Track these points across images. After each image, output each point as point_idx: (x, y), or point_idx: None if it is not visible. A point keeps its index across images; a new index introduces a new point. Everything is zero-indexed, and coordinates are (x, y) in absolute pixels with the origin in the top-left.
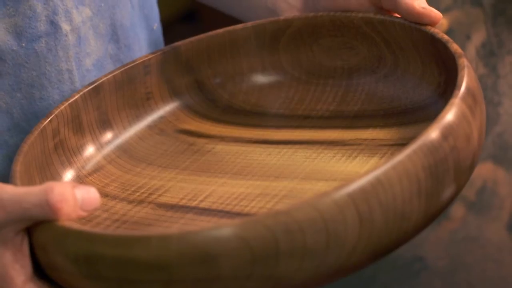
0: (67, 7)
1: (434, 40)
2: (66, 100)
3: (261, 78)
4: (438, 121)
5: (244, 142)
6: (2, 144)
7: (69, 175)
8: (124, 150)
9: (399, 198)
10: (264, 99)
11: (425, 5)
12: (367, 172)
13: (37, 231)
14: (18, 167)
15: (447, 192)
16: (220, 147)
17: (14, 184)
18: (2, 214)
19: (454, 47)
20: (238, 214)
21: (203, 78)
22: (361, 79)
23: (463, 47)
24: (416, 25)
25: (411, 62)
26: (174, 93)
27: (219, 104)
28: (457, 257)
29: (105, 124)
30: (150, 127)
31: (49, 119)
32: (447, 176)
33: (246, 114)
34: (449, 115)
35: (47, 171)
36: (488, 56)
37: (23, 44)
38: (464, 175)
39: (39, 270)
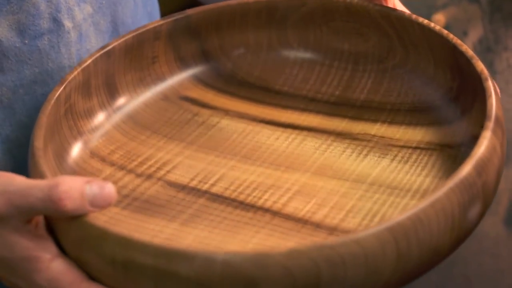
0: (69, 4)
1: (455, 51)
2: (79, 65)
3: (266, 52)
4: (473, 157)
5: (249, 119)
6: (4, 139)
7: (75, 140)
8: (129, 115)
9: (435, 234)
10: (268, 73)
11: None
12: (407, 210)
13: (70, 227)
14: (40, 144)
15: (475, 223)
16: (226, 122)
17: (35, 161)
18: (8, 206)
19: (479, 66)
20: (252, 207)
21: (209, 46)
22: (367, 66)
23: None
24: (438, 31)
25: (423, 60)
26: (179, 59)
27: (223, 73)
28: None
29: (110, 87)
30: (153, 91)
31: (63, 86)
32: (476, 209)
33: (250, 87)
34: (482, 150)
35: (56, 137)
36: (485, 52)
37: (26, 41)
38: (489, 204)
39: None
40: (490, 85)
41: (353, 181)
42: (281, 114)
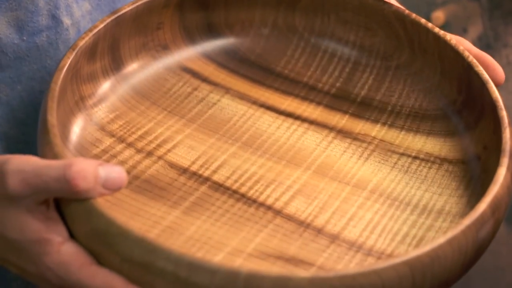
0: (68, 1)
1: (470, 71)
2: (90, 30)
3: (269, 31)
4: (489, 195)
5: (250, 102)
6: (1, 136)
7: (76, 105)
8: (129, 82)
9: (448, 268)
10: (269, 53)
11: None
12: (426, 245)
13: (87, 218)
14: (54, 120)
15: (482, 254)
16: (226, 101)
17: (49, 139)
18: (23, 185)
19: (494, 93)
20: (254, 202)
21: (215, 19)
22: (371, 61)
23: None
24: (454, 46)
25: (430, 66)
26: (184, 29)
27: (224, 48)
28: None
29: (114, 52)
30: (155, 57)
31: (74, 52)
32: (487, 244)
33: (250, 65)
34: (498, 188)
35: (61, 103)
36: (485, 49)
37: (25, 38)
38: (493, 238)
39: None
40: (505, 115)
41: (354, 186)
42: (282, 101)
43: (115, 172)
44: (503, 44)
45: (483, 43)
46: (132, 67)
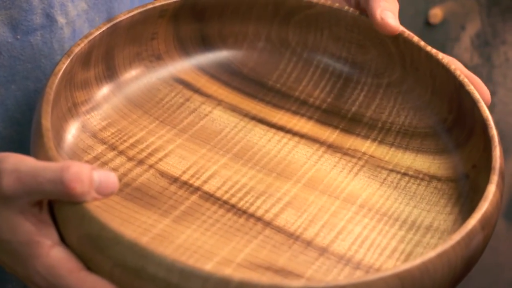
0: (62, 0)
1: (461, 90)
2: (85, 37)
3: (263, 45)
4: (479, 211)
5: (242, 114)
6: None
7: (69, 112)
8: (122, 91)
9: (438, 283)
10: (262, 66)
11: (386, 15)
12: (417, 258)
13: (80, 222)
14: (48, 124)
15: (471, 268)
16: (218, 113)
17: (43, 142)
18: (17, 185)
19: (485, 112)
20: (244, 212)
21: (209, 31)
22: (362, 77)
23: (457, 37)
24: (446, 64)
25: (421, 85)
26: (178, 39)
27: (217, 60)
28: None
29: (108, 60)
30: (148, 67)
31: (70, 58)
32: (477, 258)
33: (243, 78)
34: (487, 205)
35: (54, 109)
36: (483, 46)
37: (19, 37)
38: (482, 254)
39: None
40: (495, 134)
41: (343, 200)
42: (273, 114)
43: (108, 177)
44: (501, 41)
45: (481, 40)
46: (125, 76)
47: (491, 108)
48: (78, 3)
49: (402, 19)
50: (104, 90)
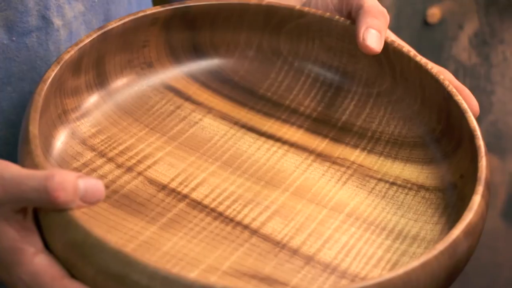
0: (59, 2)
1: (450, 100)
2: (76, 44)
3: (254, 53)
4: (463, 222)
5: (232, 122)
6: None
7: (59, 119)
8: (112, 98)
9: None
10: (253, 75)
11: (369, 36)
12: (400, 268)
13: (64, 229)
14: (36, 130)
15: (455, 278)
16: (208, 121)
17: (30, 150)
18: (1, 193)
19: (472, 122)
20: (231, 220)
21: (200, 39)
22: (353, 87)
23: (455, 36)
24: (435, 74)
25: (410, 94)
26: (169, 47)
27: (209, 68)
28: None
29: (99, 67)
30: (139, 74)
31: (60, 65)
32: (460, 269)
33: (234, 86)
34: (472, 216)
35: (43, 115)
36: (481, 45)
37: (14, 38)
38: (466, 264)
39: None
40: (482, 145)
41: (331, 209)
42: (263, 123)
43: (93, 185)
44: (499, 40)
45: (479, 40)
46: (116, 83)
47: (489, 108)
48: (75, 5)
49: (400, 19)
50: (95, 97)
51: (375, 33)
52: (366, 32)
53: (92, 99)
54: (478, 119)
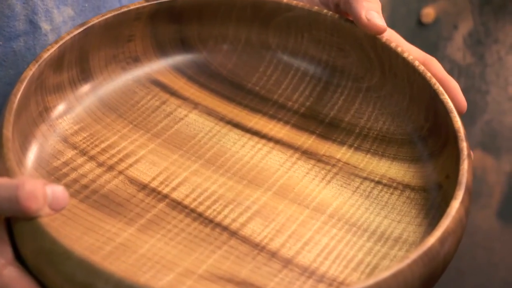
0: (47, 7)
1: (436, 99)
2: (56, 42)
3: (242, 47)
4: (439, 229)
5: (217, 118)
6: None
7: (40, 116)
8: (96, 94)
9: None
10: (241, 68)
11: (372, 16)
12: (370, 279)
13: (33, 237)
14: (9, 133)
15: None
16: (193, 117)
17: (3, 153)
18: None
19: (457, 123)
20: (211, 222)
21: (187, 33)
22: (342, 81)
23: (450, 36)
24: (422, 72)
25: (399, 90)
26: (155, 41)
27: (196, 62)
28: None
29: (83, 63)
30: (125, 69)
31: (38, 64)
32: (435, 278)
33: (221, 80)
34: (449, 222)
35: (23, 113)
36: (476, 45)
37: (1, 43)
38: (444, 271)
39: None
40: (465, 147)
41: (313, 209)
42: (249, 118)
43: (59, 192)
44: (494, 39)
45: (474, 39)
46: (100, 78)
47: (484, 107)
48: (64, 9)
49: (394, 19)
50: (78, 93)
51: (376, 14)
52: (368, 14)
53: (75, 95)
54: (473, 119)
